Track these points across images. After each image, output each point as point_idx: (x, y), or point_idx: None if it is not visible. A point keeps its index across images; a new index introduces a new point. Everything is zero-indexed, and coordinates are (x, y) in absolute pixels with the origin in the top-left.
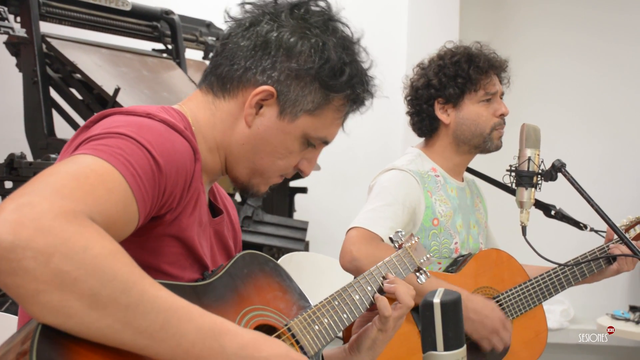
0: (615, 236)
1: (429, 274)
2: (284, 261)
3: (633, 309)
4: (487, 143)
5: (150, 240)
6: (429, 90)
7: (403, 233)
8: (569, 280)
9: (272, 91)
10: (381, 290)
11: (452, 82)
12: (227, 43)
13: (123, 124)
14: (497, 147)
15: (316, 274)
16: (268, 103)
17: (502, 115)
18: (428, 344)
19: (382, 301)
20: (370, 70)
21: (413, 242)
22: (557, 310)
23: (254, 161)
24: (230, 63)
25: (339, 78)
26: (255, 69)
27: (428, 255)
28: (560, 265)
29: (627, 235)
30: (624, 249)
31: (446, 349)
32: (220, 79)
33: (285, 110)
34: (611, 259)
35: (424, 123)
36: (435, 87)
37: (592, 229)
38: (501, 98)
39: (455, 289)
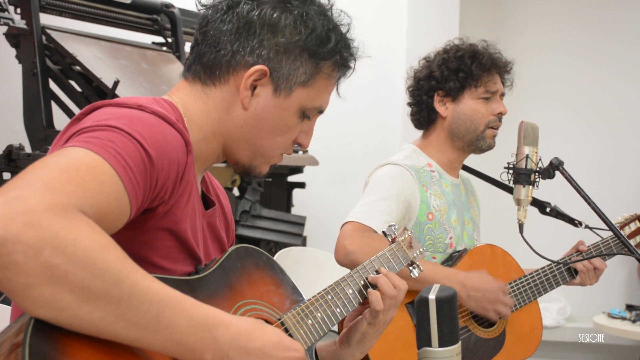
0: (582, 246)
1: (422, 268)
2: (281, 256)
3: (629, 307)
4: (480, 141)
5: (143, 233)
6: (430, 81)
7: (396, 227)
8: (564, 278)
9: (265, 70)
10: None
11: (453, 76)
12: (207, 30)
13: (114, 116)
14: (490, 147)
15: (313, 268)
16: (262, 82)
17: (500, 114)
18: (423, 340)
19: (374, 295)
20: (349, 34)
21: (406, 235)
22: (553, 308)
23: (254, 142)
24: (215, 50)
25: (326, 45)
26: (243, 51)
27: (421, 249)
28: (555, 262)
29: (622, 232)
30: (585, 263)
31: (441, 345)
32: (207, 67)
33: (280, 86)
34: (573, 272)
35: (422, 114)
36: (436, 79)
37: (587, 226)
38: (501, 98)
39: (451, 274)
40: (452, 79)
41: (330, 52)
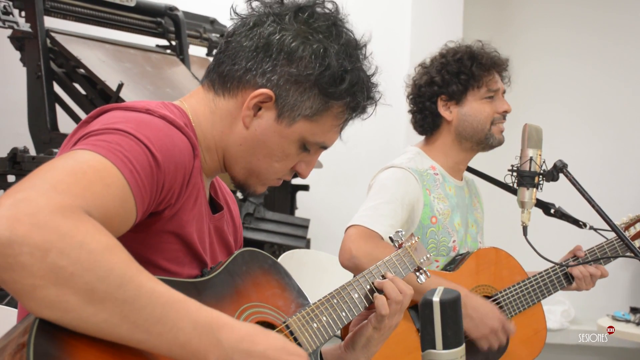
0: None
1: (429, 273)
2: (285, 258)
3: (634, 310)
4: (489, 139)
5: (150, 236)
6: (432, 87)
7: (403, 232)
8: (561, 283)
9: (271, 95)
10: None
11: (455, 79)
12: (230, 41)
13: (122, 119)
14: (500, 142)
15: (317, 271)
16: (266, 106)
17: (505, 112)
18: (427, 342)
19: (380, 299)
20: (374, 77)
21: (413, 241)
22: (557, 311)
23: (250, 162)
24: (232, 62)
25: (339, 85)
26: (255, 71)
27: (428, 255)
28: (559, 264)
29: (626, 233)
30: (582, 269)
31: (445, 347)
32: (221, 77)
33: (283, 114)
34: (570, 277)
35: (427, 120)
36: (438, 84)
37: (591, 227)
38: (503, 96)
39: (454, 287)
40: (454, 83)
41: (342, 93)
